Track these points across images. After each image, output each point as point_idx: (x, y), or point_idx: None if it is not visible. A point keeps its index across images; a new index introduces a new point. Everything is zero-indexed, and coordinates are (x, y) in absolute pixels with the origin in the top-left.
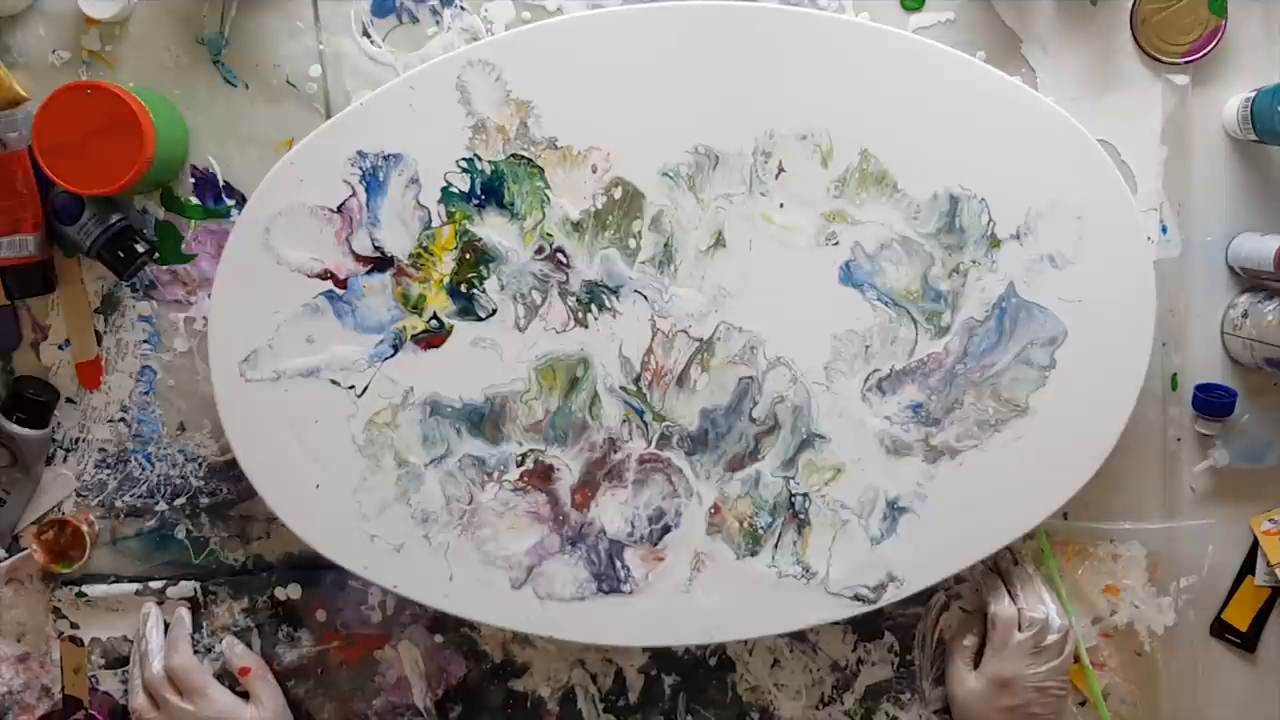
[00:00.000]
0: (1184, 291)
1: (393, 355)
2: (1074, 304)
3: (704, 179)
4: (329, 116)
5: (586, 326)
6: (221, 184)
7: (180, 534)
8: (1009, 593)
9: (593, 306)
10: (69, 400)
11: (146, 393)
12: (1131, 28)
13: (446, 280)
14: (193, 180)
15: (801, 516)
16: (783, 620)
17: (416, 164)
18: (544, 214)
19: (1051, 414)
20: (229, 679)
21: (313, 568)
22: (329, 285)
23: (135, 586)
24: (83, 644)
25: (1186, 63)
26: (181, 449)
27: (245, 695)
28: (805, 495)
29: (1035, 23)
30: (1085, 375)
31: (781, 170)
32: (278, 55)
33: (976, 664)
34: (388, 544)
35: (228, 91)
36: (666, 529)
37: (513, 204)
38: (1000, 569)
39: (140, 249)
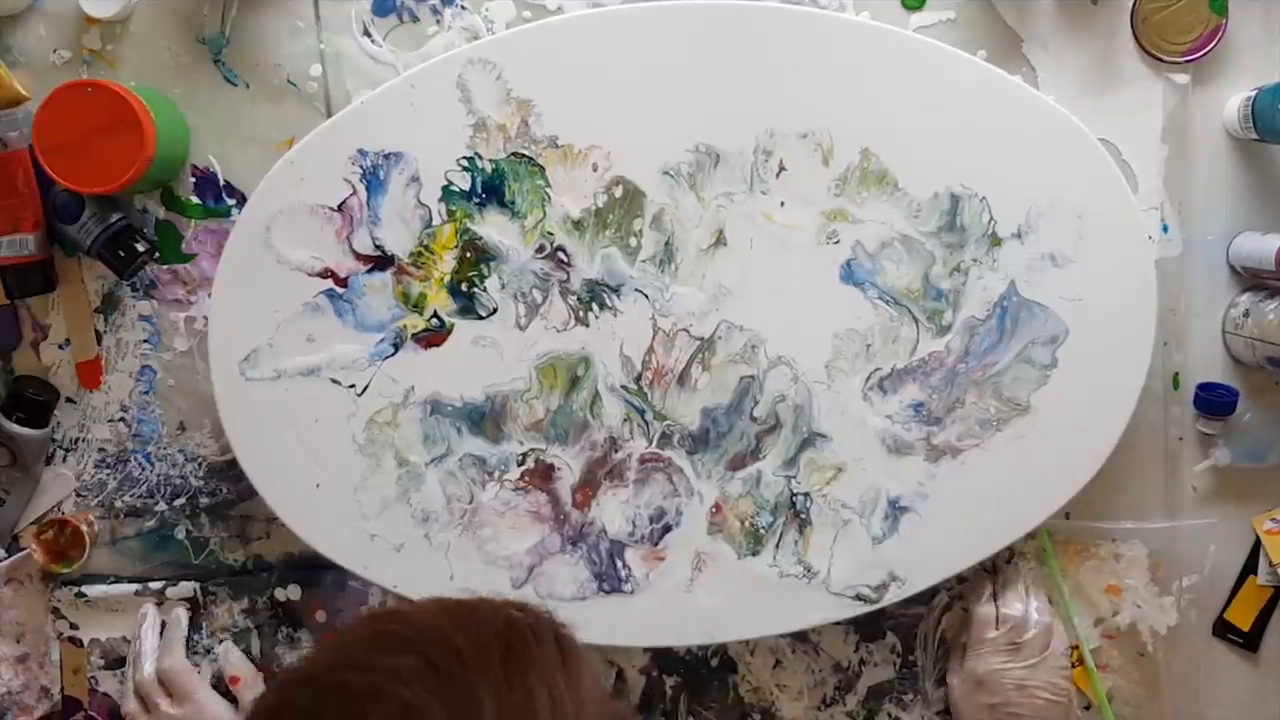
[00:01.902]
0: (1185, 290)
1: (393, 354)
2: (1075, 303)
3: (705, 178)
4: (329, 115)
5: (587, 325)
6: (222, 183)
7: (180, 534)
8: (993, 591)
9: (594, 305)
10: (69, 400)
11: (146, 392)
12: (1132, 27)
13: (447, 279)
14: (193, 179)
15: (803, 516)
16: (784, 620)
17: (417, 162)
18: (545, 212)
19: (1053, 413)
20: (225, 684)
21: (313, 568)
22: (329, 284)
23: (135, 587)
24: (82, 644)
25: (1187, 62)
26: (181, 449)
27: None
28: (807, 494)
29: (1036, 22)
30: (1087, 374)
31: (782, 169)
32: (278, 54)
33: None
34: (388, 544)
35: (228, 91)
36: (667, 528)
37: (513, 202)
38: (992, 568)
39: (140, 248)
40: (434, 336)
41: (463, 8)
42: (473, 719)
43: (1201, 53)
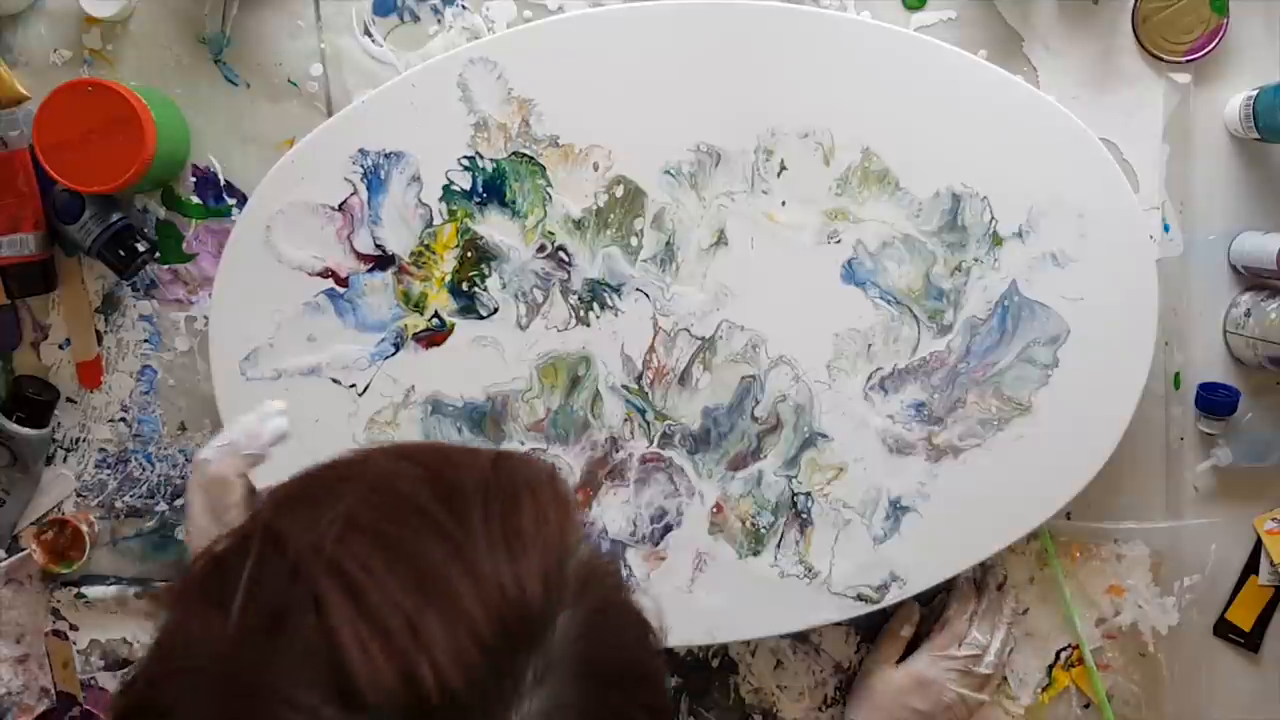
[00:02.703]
0: (1186, 290)
1: (394, 354)
2: (1076, 302)
3: (706, 177)
4: (330, 115)
5: (588, 325)
6: (222, 183)
7: (181, 535)
8: (974, 611)
9: (594, 305)
10: (69, 400)
11: (147, 392)
12: (1133, 26)
13: (448, 278)
14: (194, 179)
15: (804, 516)
16: (785, 620)
17: (418, 162)
18: (545, 212)
19: (1054, 413)
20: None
21: None
22: (330, 284)
23: (135, 588)
24: (67, 637)
25: (1188, 61)
26: (182, 449)
27: None
28: (808, 494)
29: (1037, 21)
30: (1088, 374)
31: (783, 168)
32: (279, 54)
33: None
34: None
35: (229, 90)
36: (668, 528)
37: (514, 202)
38: (982, 585)
39: (141, 248)
40: (435, 336)
41: (463, 7)
42: (459, 505)
43: (1202, 52)
